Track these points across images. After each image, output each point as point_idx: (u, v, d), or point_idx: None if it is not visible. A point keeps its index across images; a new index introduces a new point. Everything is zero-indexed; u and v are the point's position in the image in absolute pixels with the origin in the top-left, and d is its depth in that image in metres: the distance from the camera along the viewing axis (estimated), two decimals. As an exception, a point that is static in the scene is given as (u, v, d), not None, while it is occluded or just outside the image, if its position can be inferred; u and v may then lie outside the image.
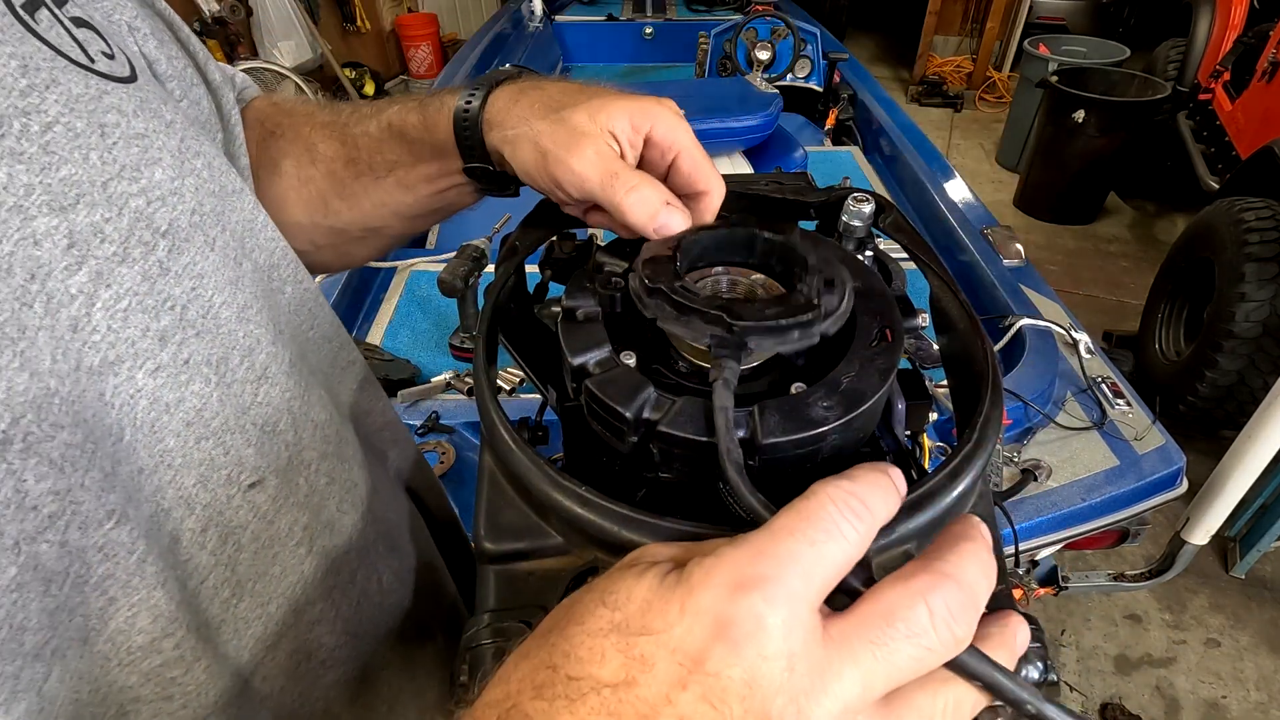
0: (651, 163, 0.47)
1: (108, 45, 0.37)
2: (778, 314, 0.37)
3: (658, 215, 0.43)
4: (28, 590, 0.28)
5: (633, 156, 0.47)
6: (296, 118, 0.58)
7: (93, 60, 0.35)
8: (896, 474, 0.27)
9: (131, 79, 0.37)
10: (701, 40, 3.33)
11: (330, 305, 0.53)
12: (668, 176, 0.47)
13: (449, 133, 0.51)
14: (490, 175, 0.53)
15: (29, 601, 0.28)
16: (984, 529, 0.27)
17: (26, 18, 0.33)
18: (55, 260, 0.30)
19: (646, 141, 0.46)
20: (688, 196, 0.47)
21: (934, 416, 0.52)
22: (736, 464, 0.31)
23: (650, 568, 0.25)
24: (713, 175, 0.47)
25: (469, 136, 0.51)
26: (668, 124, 0.46)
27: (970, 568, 0.25)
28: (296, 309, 0.48)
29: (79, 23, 0.36)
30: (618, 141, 0.46)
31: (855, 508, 0.25)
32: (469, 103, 0.50)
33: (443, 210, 0.60)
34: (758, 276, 0.45)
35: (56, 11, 0.35)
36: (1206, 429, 2.56)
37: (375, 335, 1.72)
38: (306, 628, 0.44)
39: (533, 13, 4.03)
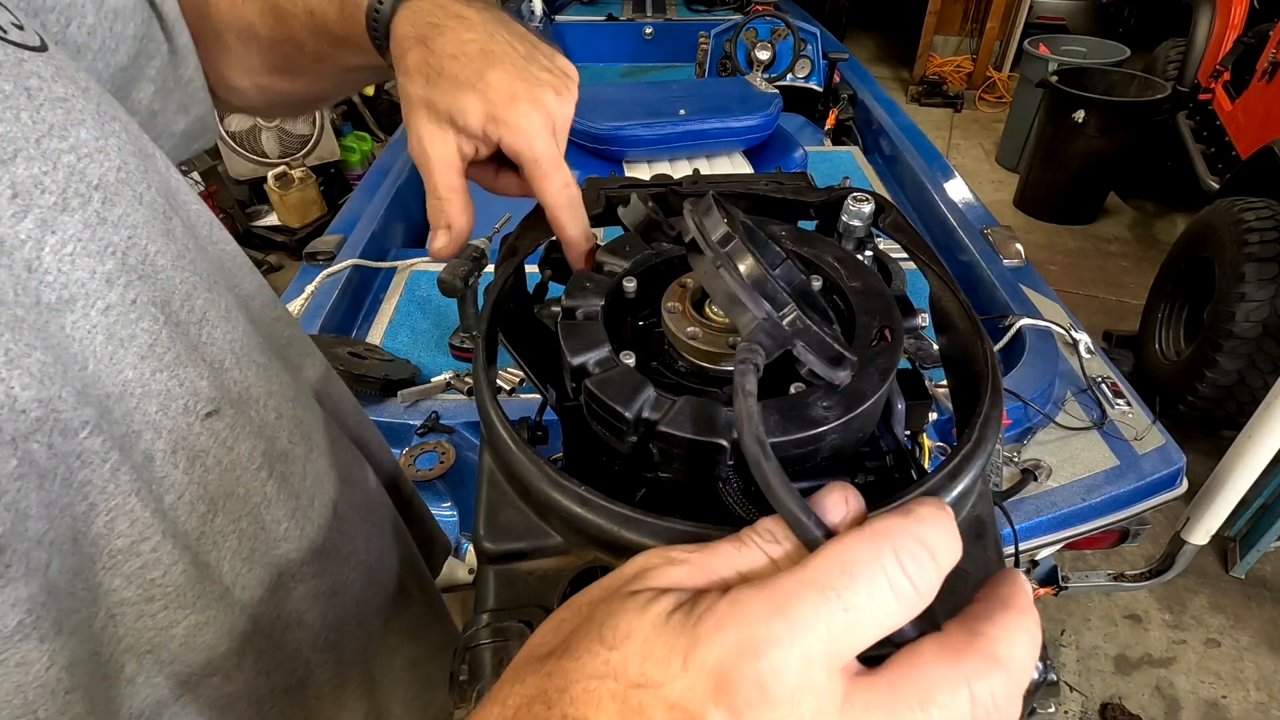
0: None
1: (15, 16, 0.39)
2: (833, 337, 0.34)
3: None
4: (27, 481, 0.32)
5: (485, 153, 0.49)
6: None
7: (5, 31, 0.37)
8: (950, 511, 0.24)
9: (43, 49, 0.39)
10: (701, 40, 3.33)
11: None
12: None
13: (365, 34, 0.53)
14: None
15: (29, 492, 0.31)
16: (1028, 591, 0.24)
17: None
18: (2, 209, 0.33)
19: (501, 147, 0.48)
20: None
21: (934, 416, 0.52)
22: (777, 470, 0.25)
23: (655, 600, 0.23)
24: (568, 220, 0.48)
25: (379, 42, 0.52)
26: (515, 136, 0.46)
27: (1020, 649, 0.22)
28: (224, 265, 0.50)
29: None
30: (467, 141, 0.47)
31: (918, 559, 0.22)
32: (377, 11, 0.51)
33: (380, 78, 0.63)
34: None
35: None
36: (1206, 429, 2.56)
37: (375, 335, 1.72)
38: (274, 544, 0.48)
39: (533, 13, 4.03)
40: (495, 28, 0.49)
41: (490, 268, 1.50)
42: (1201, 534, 1.69)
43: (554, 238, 0.54)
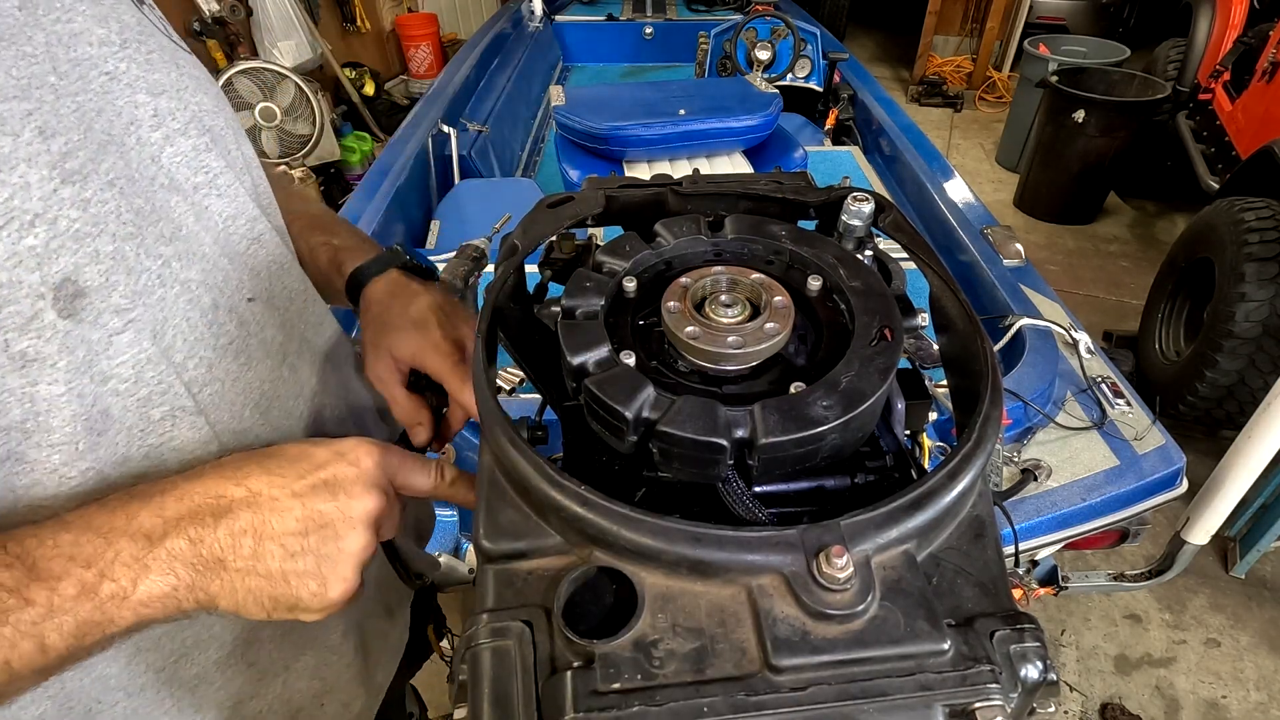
0: None
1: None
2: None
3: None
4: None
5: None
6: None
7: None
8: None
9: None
10: (701, 40, 3.33)
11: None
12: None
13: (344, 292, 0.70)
14: None
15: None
16: None
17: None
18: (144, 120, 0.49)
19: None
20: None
21: (934, 416, 0.52)
22: None
23: None
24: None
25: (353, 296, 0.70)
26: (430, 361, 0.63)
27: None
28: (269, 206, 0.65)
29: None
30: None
31: None
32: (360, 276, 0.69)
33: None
34: (757, 276, 0.45)
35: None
36: (1206, 429, 2.56)
37: (375, 335, 1.71)
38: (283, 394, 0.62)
39: (533, 13, 4.03)
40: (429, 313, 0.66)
41: (490, 268, 1.50)
42: (1201, 534, 1.68)
43: (553, 238, 0.54)
